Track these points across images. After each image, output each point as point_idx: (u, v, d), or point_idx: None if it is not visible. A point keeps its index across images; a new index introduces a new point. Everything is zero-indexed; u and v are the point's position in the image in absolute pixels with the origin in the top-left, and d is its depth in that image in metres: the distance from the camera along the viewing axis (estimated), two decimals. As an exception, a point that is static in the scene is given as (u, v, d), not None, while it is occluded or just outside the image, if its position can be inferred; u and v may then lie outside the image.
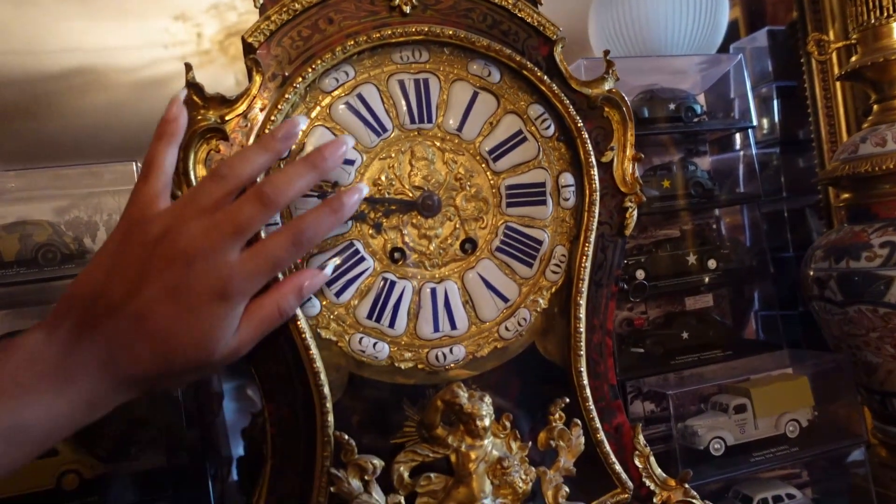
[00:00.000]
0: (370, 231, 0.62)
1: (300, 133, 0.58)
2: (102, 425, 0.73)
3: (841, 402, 0.96)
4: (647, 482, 0.68)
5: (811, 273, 0.96)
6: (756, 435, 0.91)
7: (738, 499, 0.92)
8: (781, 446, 0.90)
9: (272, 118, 0.57)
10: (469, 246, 0.65)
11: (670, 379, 0.97)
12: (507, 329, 0.65)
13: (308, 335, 0.58)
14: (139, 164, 0.76)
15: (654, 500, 0.68)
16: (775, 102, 1.37)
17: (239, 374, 1.17)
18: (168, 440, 0.76)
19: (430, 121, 0.64)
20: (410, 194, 0.63)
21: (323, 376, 0.58)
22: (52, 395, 0.46)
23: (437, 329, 0.63)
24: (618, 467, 0.65)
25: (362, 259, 0.62)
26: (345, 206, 0.54)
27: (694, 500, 0.68)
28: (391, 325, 0.62)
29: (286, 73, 0.59)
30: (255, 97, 0.58)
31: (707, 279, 1.07)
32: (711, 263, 1.07)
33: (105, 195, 0.78)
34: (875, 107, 0.96)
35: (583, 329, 0.65)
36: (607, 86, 0.67)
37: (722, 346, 1.05)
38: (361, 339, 0.61)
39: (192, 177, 0.55)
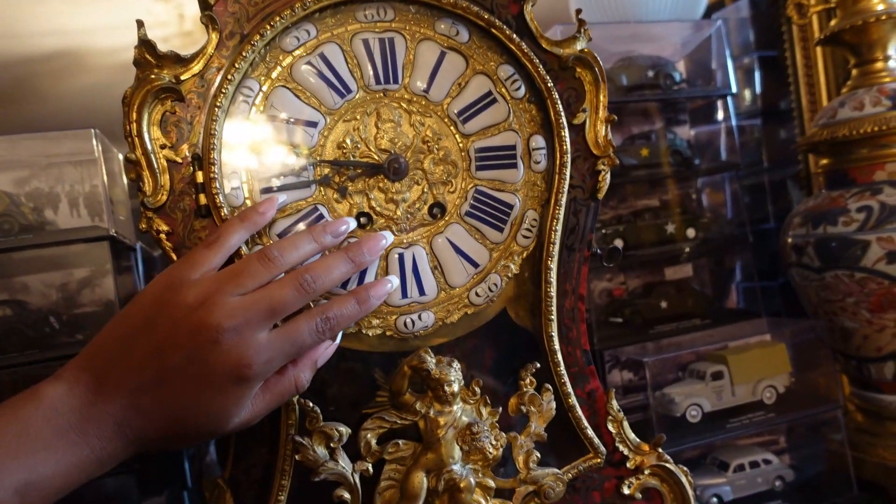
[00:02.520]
0: (335, 195, 0.60)
1: (349, 232, 0.57)
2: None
3: (818, 368, 0.96)
4: (621, 447, 0.67)
5: (789, 240, 0.96)
6: (733, 402, 0.91)
7: (715, 465, 0.92)
8: (758, 412, 0.90)
9: (229, 77, 0.55)
10: (438, 210, 0.63)
11: (649, 348, 0.96)
12: (477, 295, 0.64)
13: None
14: (97, 132, 0.74)
15: (628, 465, 0.67)
16: (757, 73, 1.35)
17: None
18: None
19: (396, 81, 0.62)
20: (377, 157, 0.61)
21: (287, 343, 0.57)
22: (67, 452, 0.46)
23: (405, 295, 0.62)
24: (590, 432, 0.65)
25: (327, 224, 0.60)
26: (370, 300, 0.55)
27: (667, 465, 0.68)
28: (358, 291, 0.61)
29: (244, 31, 0.57)
30: (211, 56, 0.56)
31: (686, 248, 1.07)
32: (691, 233, 1.06)
33: (66, 165, 0.76)
34: (854, 71, 0.95)
35: (554, 294, 0.64)
36: (579, 45, 0.65)
37: (701, 315, 1.04)
38: (327, 305, 0.60)
39: (147, 138, 0.54)
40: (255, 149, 0.58)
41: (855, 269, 0.86)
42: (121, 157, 0.88)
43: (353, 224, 0.58)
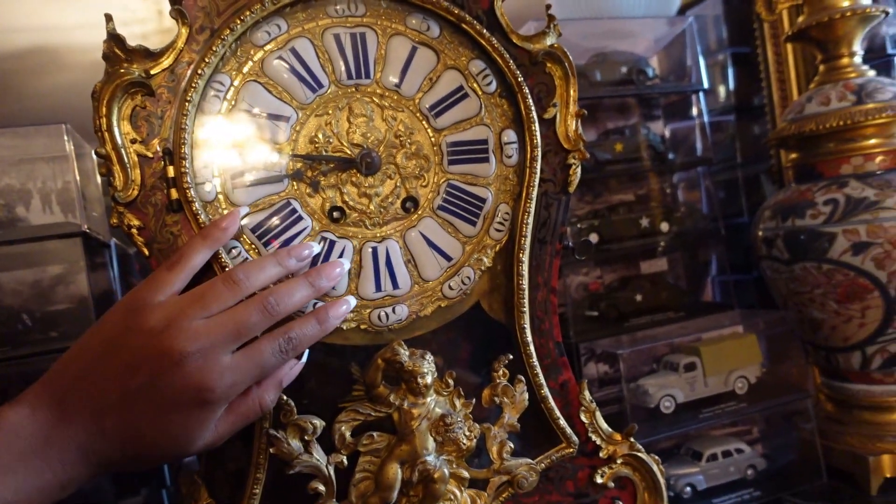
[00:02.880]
0: (307, 190, 0.61)
1: (312, 256, 0.58)
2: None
3: (789, 359, 0.98)
4: (594, 437, 0.68)
5: (760, 233, 0.97)
6: (706, 392, 0.92)
7: (688, 455, 0.93)
8: (730, 403, 0.92)
9: (199, 72, 0.56)
10: (410, 204, 0.64)
11: (624, 341, 0.98)
12: (450, 288, 0.65)
13: (244, 295, 0.56)
14: (69, 128, 0.73)
15: (601, 455, 0.68)
16: (730, 69, 1.37)
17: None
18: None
19: (367, 76, 0.63)
20: (349, 152, 0.62)
21: (260, 337, 0.57)
22: (29, 476, 0.46)
23: (378, 289, 0.62)
24: (563, 423, 0.66)
25: (300, 218, 0.60)
26: (329, 319, 0.55)
27: (639, 454, 0.69)
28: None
29: (214, 26, 0.57)
30: (181, 51, 0.56)
31: (661, 242, 1.08)
32: (665, 226, 1.08)
33: (38, 161, 0.75)
34: (821, 67, 0.97)
35: (526, 286, 0.65)
36: (549, 41, 0.66)
37: (675, 308, 1.06)
38: (301, 299, 0.60)
39: (117, 132, 0.54)
40: (226, 144, 0.58)
41: (822, 261, 0.88)
42: (94, 156, 0.87)
43: (316, 249, 0.59)
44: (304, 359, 0.57)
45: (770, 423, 1.00)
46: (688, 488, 0.90)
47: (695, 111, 1.20)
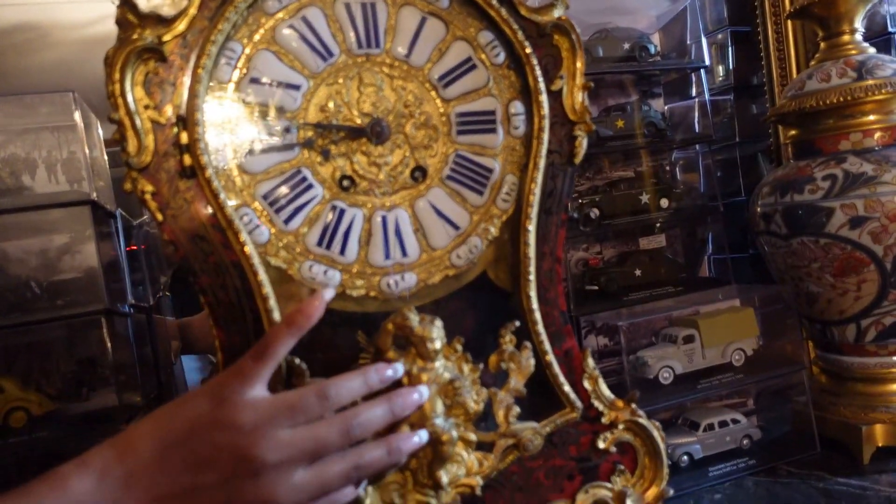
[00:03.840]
0: (318, 158, 0.61)
1: (396, 377, 0.58)
2: (50, 365, 0.73)
3: (785, 333, 1.00)
4: (596, 403, 0.70)
5: (758, 209, 0.99)
6: (703, 364, 0.94)
7: (686, 425, 0.95)
8: (727, 374, 0.94)
9: (212, 39, 0.56)
10: (419, 174, 0.64)
11: (623, 314, 0.99)
12: (458, 257, 0.66)
13: (257, 261, 0.57)
14: (76, 95, 0.73)
15: (603, 421, 0.70)
16: (730, 48, 1.38)
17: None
18: (119, 380, 0.75)
19: (377, 46, 0.63)
20: (359, 121, 0.62)
21: (272, 302, 0.58)
22: None
23: (388, 256, 0.63)
24: (567, 388, 0.67)
25: (310, 186, 0.61)
26: (400, 453, 0.55)
27: (640, 419, 0.71)
28: (342, 252, 0.62)
29: (226, -7, 0.57)
30: (194, 17, 0.56)
31: (660, 218, 1.09)
32: (664, 203, 1.09)
33: (43, 131, 0.75)
34: (822, 44, 0.98)
35: (532, 255, 0.66)
36: (556, 13, 0.67)
37: (673, 283, 1.08)
38: (312, 266, 0.61)
39: (130, 98, 0.54)
40: (238, 111, 0.59)
41: (820, 235, 0.89)
42: (99, 127, 0.87)
43: (401, 371, 0.58)
44: (361, 488, 0.56)
45: (765, 396, 1.02)
46: (685, 457, 0.92)
47: (694, 90, 1.21)
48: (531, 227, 0.66)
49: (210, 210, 0.57)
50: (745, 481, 0.90)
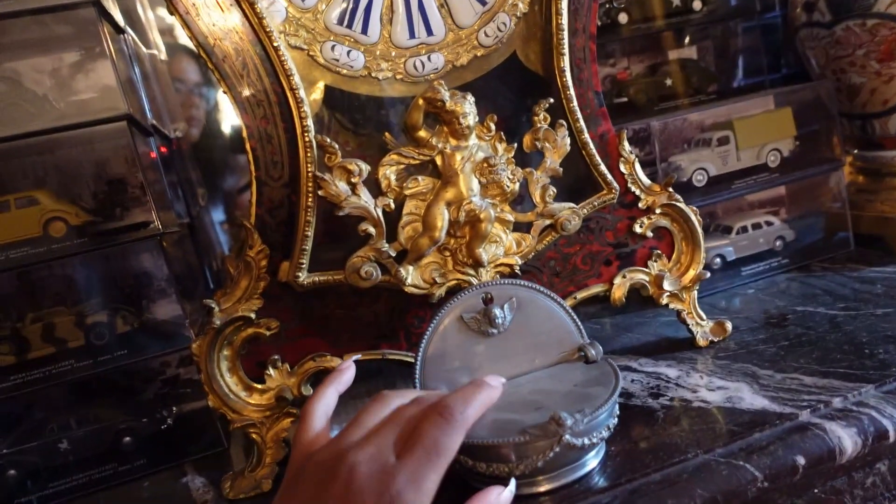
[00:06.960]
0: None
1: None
2: (81, 184, 0.72)
3: (821, 130, 0.96)
4: (633, 188, 0.69)
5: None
6: (738, 166, 0.92)
7: (718, 230, 0.95)
8: (762, 174, 0.92)
9: None
10: (440, -58, 0.60)
11: (654, 125, 0.96)
12: (486, 35, 0.62)
13: (276, 37, 0.55)
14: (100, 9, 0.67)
15: (640, 206, 0.69)
16: None
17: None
18: (152, 199, 0.74)
19: None
20: None
21: (297, 79, 0.56)
22: None
23: (412, 35, 0.60)
24: (603, 168, 0.66)
25: (326, -43, 0.57)
26: (494, 388, 0.47)
27: (677, 203, 0.69)
28: (364, 31, 0.59)
29: None
30: None
31: (692, 23, 1.03)
32: (697, 5, 1.02)
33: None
34: None
35: (565, 28, 0.62)
36: None
37: (706, 92, 1.03)
38: (334, 46, 0.58)
39: None
40: None
41: (867, 17, 0.83)
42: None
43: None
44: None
45: (799, 199, 1.00)
46: (717, 259, 0.92)
47: None
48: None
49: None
50: (778, 278, 0.90)
